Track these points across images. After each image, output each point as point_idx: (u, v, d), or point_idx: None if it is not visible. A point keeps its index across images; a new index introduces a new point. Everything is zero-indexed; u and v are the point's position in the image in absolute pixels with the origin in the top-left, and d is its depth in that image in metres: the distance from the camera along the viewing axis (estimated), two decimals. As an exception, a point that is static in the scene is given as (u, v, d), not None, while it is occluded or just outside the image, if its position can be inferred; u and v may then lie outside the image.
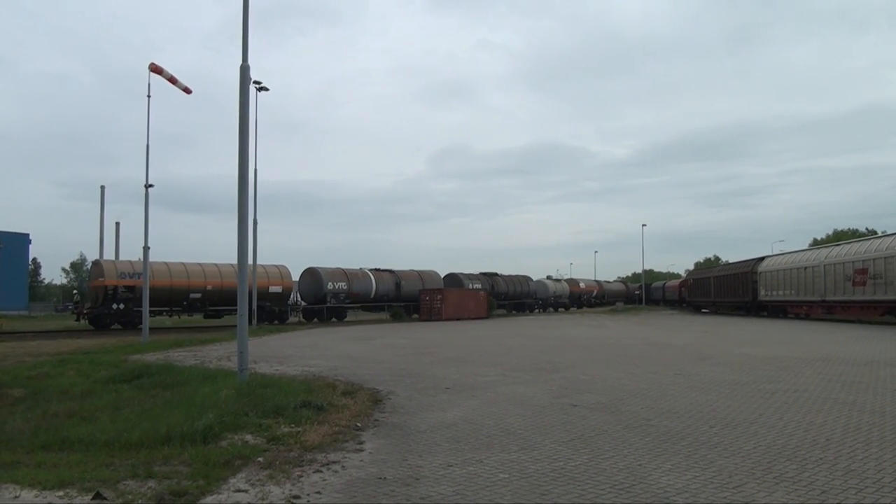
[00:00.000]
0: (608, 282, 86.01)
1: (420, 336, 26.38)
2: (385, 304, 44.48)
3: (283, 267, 39.36)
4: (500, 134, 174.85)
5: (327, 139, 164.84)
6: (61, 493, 5.19)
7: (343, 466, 6.03)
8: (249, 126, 11.68)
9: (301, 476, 5.69)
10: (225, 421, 7.63)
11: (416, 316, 44.82)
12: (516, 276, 57.07)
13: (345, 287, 40.60)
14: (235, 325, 11.71)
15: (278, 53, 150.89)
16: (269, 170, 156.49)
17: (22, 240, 45.73)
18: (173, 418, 7.67)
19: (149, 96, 22.43)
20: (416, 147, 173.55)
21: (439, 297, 43.56)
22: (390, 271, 44.84)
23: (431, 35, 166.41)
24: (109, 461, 6.23)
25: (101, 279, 33.34)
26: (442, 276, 50.85)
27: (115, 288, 33.14)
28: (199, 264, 37.26)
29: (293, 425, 7.76)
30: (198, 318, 38.29)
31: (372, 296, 42.76)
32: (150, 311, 32.51)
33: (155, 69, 21.35)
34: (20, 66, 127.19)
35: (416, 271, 47.29)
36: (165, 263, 35.42)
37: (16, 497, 5.14)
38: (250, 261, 26.06)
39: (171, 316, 36.62)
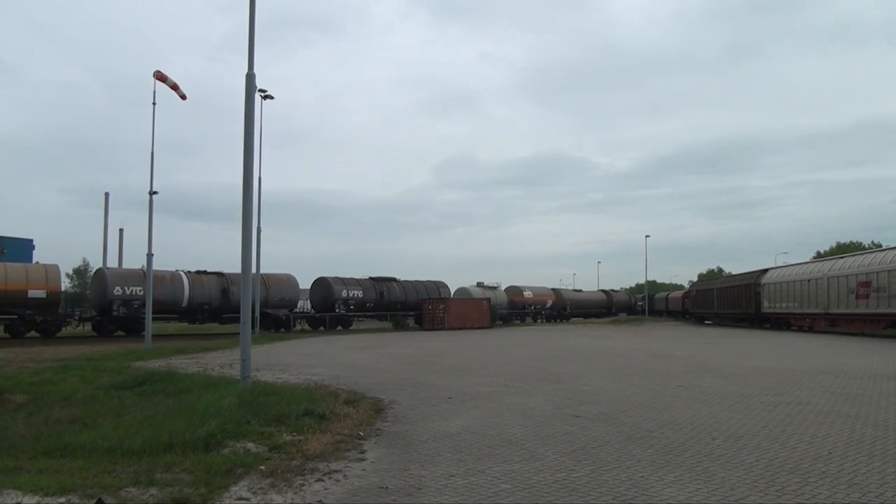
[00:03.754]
0: (578, 290, 72.16)
1: (422, 345, 26.36)
2: (207, 315, 36.51)
3: (53, 267, 31.69)
4: (504, 145, 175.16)
5: (332, 149, 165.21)
6: (63, 500, 5.19)
7: (345, 475, 6.02)
8: (254, 134, 11.74)
9: (303, 485, 5.69)
10: (227, 429, 7.63)
11: (276, 331, 37.35)
12: (423, 283, 47.90)
13: (141, 292, 32.39)
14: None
15: (283, 65, 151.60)
16: (274, 179, 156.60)
17: (25, 245, 45.82)
18: (175, 426, 7.67)
19: (154, 104, 22.63)
20: (421, 157, 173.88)
21: (442, 306, 43.67)
22: (219, 274, 37.08)
23: (434, 47, 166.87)
24: (111, 468, 6.24)
25: None
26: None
27: None
28: None
29: (295, 434, 7.76)
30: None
31: (184, 304, 35.04)
32: None
33: (159, 76, 21.52)
34: (28, 75, 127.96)
35: (262, 275, 37.96)
36: None
37: (18, 503, 5.14)
38: (254, 269, 26.06)
39: None
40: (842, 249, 72.57)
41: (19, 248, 43.88)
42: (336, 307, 41.46)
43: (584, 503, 5.20)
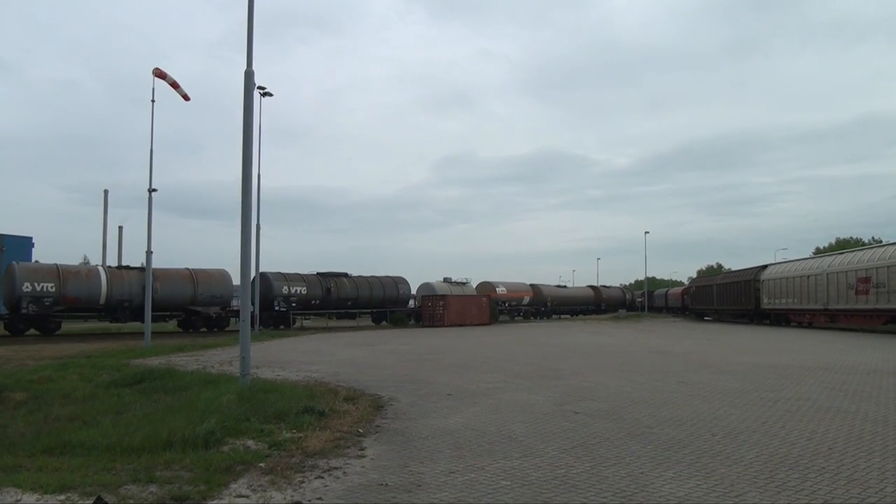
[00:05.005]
0: (561, 286, 68.19)
1: (422, 342, 26.37)
2: (129, 313, 33.02)
3: None
4: (503, 142, 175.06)
5: (331, 146, 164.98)
6: (63, 498, 5.19)
7: (345, 472, 6.02)
8: (253, 131, 11.71)
9: (303, 482, 5.68)
10: (227, 426, 7.63)
11: (204, 329, 34.95)
12: (379, 278, 44.44)
13: (52, 289, 30.45)
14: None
15: (281, 62, 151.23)
16: (273, 176, 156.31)
17: (24, 243, 45.60)
18: (175, 423, 7.67)
19: (153, 101, 22.53)
20: (420, 154, 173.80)
21: (441, 303, 43.69)
22: (141, 269, 32.35)
23: (432, 44, 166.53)
24: (111, 465, 6.24)
25: None
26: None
27: None
28: None
29: (295, 431, 7.76)
30: None
31: (102, 301, 31.99)
32: None
33: (158, 74, 21.45)
34: (27, 73, 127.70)
35: (190, 270, 35.33)
36: None
37: (17, 501, 5.14)
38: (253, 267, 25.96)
39: None
40: (841, 245, 72.63)
41: (18, 246, 43.71)
42: (275, 304, 38.20)
43: (583, 500, 5.20)
